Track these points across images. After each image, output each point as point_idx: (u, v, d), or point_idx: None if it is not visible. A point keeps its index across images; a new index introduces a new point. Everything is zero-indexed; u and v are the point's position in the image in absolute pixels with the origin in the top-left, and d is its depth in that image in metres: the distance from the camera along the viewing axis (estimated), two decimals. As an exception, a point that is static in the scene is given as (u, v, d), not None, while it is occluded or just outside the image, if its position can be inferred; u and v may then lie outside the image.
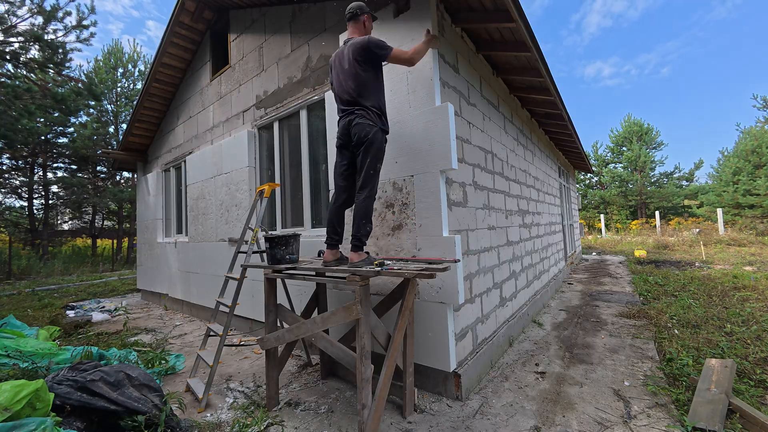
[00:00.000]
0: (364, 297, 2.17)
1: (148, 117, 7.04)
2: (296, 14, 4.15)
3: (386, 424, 2.44)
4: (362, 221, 2.39)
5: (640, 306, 5.24)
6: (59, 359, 3.10)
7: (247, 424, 2.45)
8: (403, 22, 2.96)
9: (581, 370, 3.23)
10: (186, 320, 5.75)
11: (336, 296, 3.42)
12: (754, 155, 20.37)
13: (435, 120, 2.73)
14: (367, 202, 2.40)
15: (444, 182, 2.79)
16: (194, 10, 5.48)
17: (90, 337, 4.66)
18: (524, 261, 4.91)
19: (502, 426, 2.39)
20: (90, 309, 6.51)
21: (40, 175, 16.58)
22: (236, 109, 5.08)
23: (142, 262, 7.78)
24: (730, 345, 3.45)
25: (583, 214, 29.76)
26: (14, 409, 1.76)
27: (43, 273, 13.02)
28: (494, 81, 4.29)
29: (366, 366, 2.14)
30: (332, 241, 2.55)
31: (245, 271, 3.12)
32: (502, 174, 4.29)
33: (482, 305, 3.40)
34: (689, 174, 28.30)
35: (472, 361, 2.98)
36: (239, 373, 3.46)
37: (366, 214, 2.41)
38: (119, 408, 2.09)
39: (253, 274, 4.36)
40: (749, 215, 19.56)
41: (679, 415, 2.37)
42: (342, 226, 2.59)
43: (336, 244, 2.56)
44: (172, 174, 6.89)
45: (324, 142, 3.70)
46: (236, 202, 4.76)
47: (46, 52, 9.64)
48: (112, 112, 17.94)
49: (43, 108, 11.07)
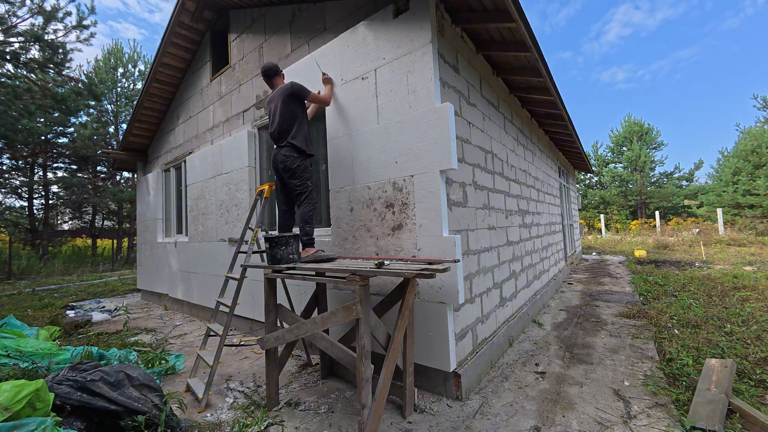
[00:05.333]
0: (364, 297, 2.17)
1: (148, 117, 7.04)
2: (296, 14, 4.15)
3: (386, 424, 2.44)
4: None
5: (640, 306, 5.24)
6: (59, 359, 3.11)
7: (247, 424, 2.45)
8: (402, 22, 2.96)
9: (581, 370, 3.23)
10: (186, 320, 5.75)
11: (336, 296, 3.43)
12: (754, 155, 20.36)
13: (435, 120, 2.73)
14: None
15: (444, 182, 2.79)
16: (194, 10, 5.48)
17: (90, 337, 4.66)
18: (524, 261, 4.91)
19: (502, 426, 2.39)
20: (90, 309, 6.51)
21: (40, 175, 16.58)
22: (236, 109, 5.08)
23: (142, 262, 7.78)
24: (730, 345, 3.45)
25: (583, 214, 29.75)
26: (14, 409, 1.76)
27: (43, 273, 13.02)
28: (494, 81, 4.29)
29: (366, 366, 2.14)
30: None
31: (245, 271, 3.12)
32: (502, 174, 4.30)
33: (482, 305, 3.40)
34: (689, 174, 28.30)
35: (472, 361, 2.98)
36: (239, 373, 3.46)
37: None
38: (119, 408, 2.09)
39: (253, 274, 4.36)
40: (749, 215, 19.56)
41: (679, 415, 2.37)
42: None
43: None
44: (172, 174, 6.89)
45: (324, 142, 3.70)
46: (236, 202, 4.76)
47: (46, 52, 9.64)
48: (112, 112, 17.95)
49: (43, 108, 11.10)
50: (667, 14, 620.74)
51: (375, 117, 3.14)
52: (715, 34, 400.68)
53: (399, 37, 2.98)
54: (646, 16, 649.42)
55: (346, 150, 3.37)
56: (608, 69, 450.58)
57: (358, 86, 3.28)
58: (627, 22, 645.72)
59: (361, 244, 3.21)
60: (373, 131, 3.15)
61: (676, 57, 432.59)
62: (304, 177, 2.99)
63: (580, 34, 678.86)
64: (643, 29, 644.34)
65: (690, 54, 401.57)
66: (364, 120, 3.22)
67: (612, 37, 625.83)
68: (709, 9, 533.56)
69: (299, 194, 2.99)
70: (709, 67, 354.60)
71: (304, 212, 2.97)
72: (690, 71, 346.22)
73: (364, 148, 3.21)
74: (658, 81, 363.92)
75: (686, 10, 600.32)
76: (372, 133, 3.16)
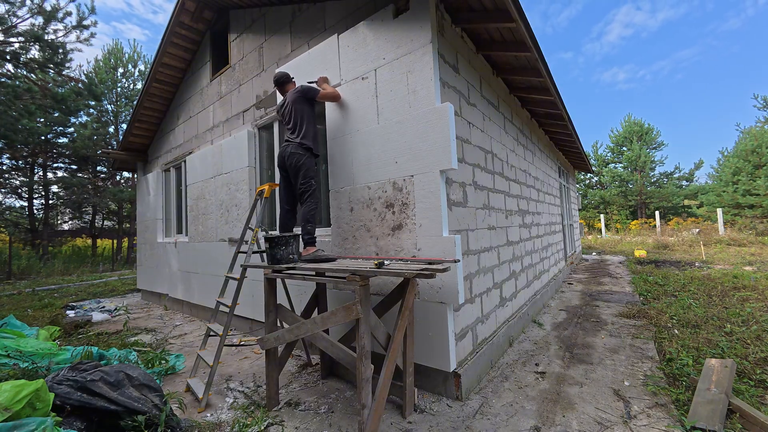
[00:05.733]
0: (364, 297, 2.17)
1: (148, 117, 7.04)
2: (296, 14, 4.15)
3: (386, 424, 2.44)
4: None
5: (640, 306, 5.24)
6: (59, 359, 3.11)
7: (247, 424, 2.45)
8: (402, 22, 2.96)
9: (581, 370, 3.23)
10: (186, 320, 5.75)
11: (336, 296, 3.43)
12: (754, 155, 20.35)
13: (435, 120, 2.73)
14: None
15: (444, 182, 2.79)
16: (194, 10, 5.48)
17: (90, 337, 4.66)
18: (524, 261, 4.91)
19: (502, 426, 2.39)
20: (90, 309, 6.51)
21: (40, 175, 16.58)
22: (236, 109, 5.08)
23: (142, 262, 7.78)
24: (730, 345, 3.45)
25: (583, 214, 29.75)
26: (14, 409, 1.76)
27: (43, 273, 13.02)
28: (494, 81, 4.29)
29: (366, 366, 2.14)
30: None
31: (245, 271, 3.12)
32: (502, 174, 4.30)
33: (482, 305, 3.40)
34: (689, 174, 28.29)
35: (472, 361, 2.98)
36: (239, 373, 3.46)
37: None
38: (119, 408, 2.09)
39: (253, 274, 4.36)
40: (749, 215, 19.56)
41: (679, 415, 2.37)
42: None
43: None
44: (172, 174, 6.89)
45: (324, 142, 3.70)
46: (236, 202, 4.76)
47: (47, 52, 9.64)
48: (112, 112, 17.95)
49: (43, 108, 11.10)
50: (668, 15, 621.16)
51: (375, 117, 3.14)
52: (716, 35, 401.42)
53: (399, 37, 2.98)
54: (647, 17, 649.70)
55: (346, 150, 3.37)
56: (609, 69, 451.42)
57: (358, 86, 3.28)
58: (628, 23, 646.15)
59: (361, 244, 3.21)
60: (373, 131, 3.15)
61: (677, 57, 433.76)
62: (309, 176, 3.04)
63: (581, 35, 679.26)
64: (644, 30, 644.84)
65: (691, 54, 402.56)
66: (364, 120, 3.22)
67: (613, 37, 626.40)
68: (710, 10, 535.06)
69: (303, 192, 3.03)
70: (710, 67, 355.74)
71: (306, 211, 3.02)
72: (691, 71, 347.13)
73: (364, 148, 3.21)
74: (659, 81, 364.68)
75: (687, 10, 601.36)
76: (372, 133, 3.16)
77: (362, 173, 3.22)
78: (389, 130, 3.02)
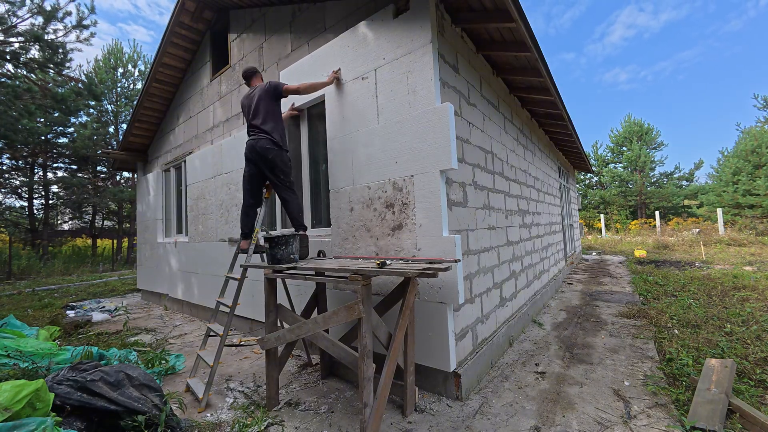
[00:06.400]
0: (365, 296, 2.17)
1: (148, 117, 7.03)
2: (296, 14, 4.15)
3: (387, 423, 2.44)
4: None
5: (640, 306, 5.24)
6: (59, 359, 3.11)
7: (247, 424, 2.45)
8: (402, 22, 2.96)
9: (581, 370, 3.23)
10: (186, 320, 5.75)
11: (336, 296, 3.43)
12: (754, 155, 20.36)
13: (435, 120, 2.73)
14: None
15: (444, 182, 2.79)
16: (194, 10, 5.48)
17: (90, 337, 4.66)
18: (524, 261, 4.91)
19: (502, 426, 2.39)
20: (90, 309, 6.51)
21: (40, 175, 16.57)
22: (236, 108, 5.07)
23: (142, 262, 7.78)
24: (730, 345, 3.45)
25: (583, 214, 29.75)
26: (14, 409, 1.76)
27: (43, 273, 13.02)
28: (494, 81, 4.29)
29: (368, 365, 2.14)
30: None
31: (245, 271, 3.12)
32: (502, 174, 4.30)
33: (482, 305, 3.40)
34: (689, 174, 28.30)
35: (472, 361, 2.98)
36: (239, 373, 3.46)
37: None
38: (119, 408, 2.09)
39: (253, 274, 4.36)
40: (749, 215, 19.57)
41: (679, 415, 2.37)
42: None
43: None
44: (172, 174, 6.89)
45: (324, 142, 3.70)
46: (236, 202, 4.75)
47: (46, 52, 9.63)
48: (112, 112, 17.94)
49: (43, 108, 11.10)
50: (670, 16, 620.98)
51: (375, 117, 3.14)
52: (718, 36, 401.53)
53: (399, 37, 2.98)
54: (649, 18, 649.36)
55: (346, 150, 3.37)
56: (611, 70, 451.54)
57: (358, 86, 3.28)
58: (631, 24, 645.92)
59: (361, 244, 3.21)
60: (373, 131, 3.15)
61: (679, 58, 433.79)
62: (287, 172, 3.19)
63: (584, 36, 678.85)
64: (646, 31, 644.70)
65: (692, 55, 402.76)
66: (364, 120, 3.22)
67: (615, 38, 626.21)
68: (712, 11, 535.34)
69: (283, 188, 3.17)
70: (711, 68, 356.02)
71: (293, 207, 3.19)
72: (692, 72, 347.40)
73: (364, 148, 3.21)
74: (660, 82, 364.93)
75: (689, 12, 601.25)
76: (372, 133, 3.16)
77: (362, 173, 3.22)
78: (389, 130, 3.02)
